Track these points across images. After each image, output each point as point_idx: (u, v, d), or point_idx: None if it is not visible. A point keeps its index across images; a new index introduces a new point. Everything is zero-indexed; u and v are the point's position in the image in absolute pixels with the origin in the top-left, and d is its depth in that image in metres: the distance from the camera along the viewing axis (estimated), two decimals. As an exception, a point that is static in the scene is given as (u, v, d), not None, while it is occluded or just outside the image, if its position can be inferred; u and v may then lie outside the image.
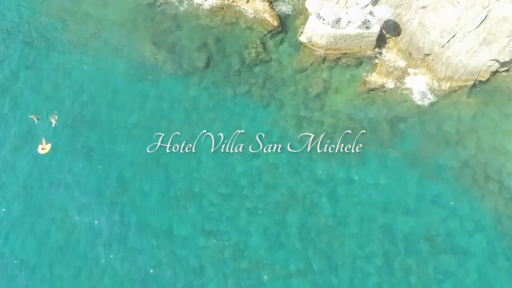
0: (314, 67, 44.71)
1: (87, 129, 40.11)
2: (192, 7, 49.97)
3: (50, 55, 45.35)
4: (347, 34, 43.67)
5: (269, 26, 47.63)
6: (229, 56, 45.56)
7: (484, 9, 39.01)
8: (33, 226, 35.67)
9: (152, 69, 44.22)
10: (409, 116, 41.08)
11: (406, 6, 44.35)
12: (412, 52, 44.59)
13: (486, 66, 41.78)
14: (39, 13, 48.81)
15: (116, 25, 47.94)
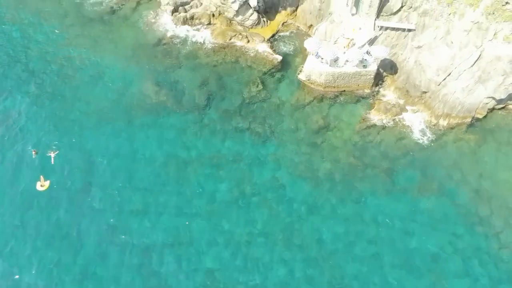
0: (314, 104, 45.44)
1: (87, 167, 40.02)
2: (194, 46, 51.60)
3: (54, 92, 46.22)
4: (345, 72, 44.72)
5: (269, 65, 48.91)
6: (229, 94, 46.45)
7: (478, 49, 40.15)
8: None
9: (154, 107, 44.88)
10: (408, 153, 41.19)
11: (401, 46, 45.71)
12: (409, 89, 45.45)
13: (483, 104, 42.42)
14: (45, 56, 50.32)
15: (120, 64, 49.26)
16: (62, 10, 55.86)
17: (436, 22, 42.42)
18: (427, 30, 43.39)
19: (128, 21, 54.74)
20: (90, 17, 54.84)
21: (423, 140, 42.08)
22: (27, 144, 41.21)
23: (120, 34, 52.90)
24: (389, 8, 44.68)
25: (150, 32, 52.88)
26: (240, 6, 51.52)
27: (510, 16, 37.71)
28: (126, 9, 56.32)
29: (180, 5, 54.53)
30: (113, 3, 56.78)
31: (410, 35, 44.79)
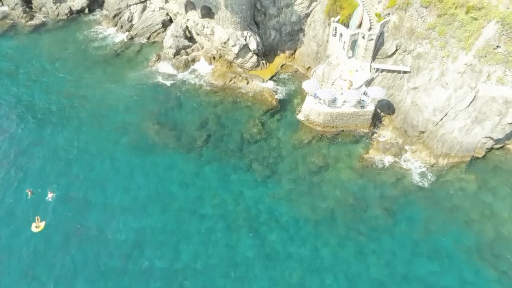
0: (313, 144, 45.68)
1: (84, 207, 39.49)
2: (195, 87, 52.82)
3: (55, 131, 46.64)
4: (344, 112, 45.37)
5: (268, 105, 49.79)
6: (229, 133, 46.86)
7: (472, 90, 40.98)
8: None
9: (154, 147, 45.11)
10: (408, 193, 40.75)
11: (398, 87, 46.70)
12: (407, 129, 45.88)
13: (481, 143, 42.63)
14: (49, 96, 51.42)
15: (122, 104, 50.20)
16: (67, 54, 57.98)
17: (431, 64, 43.63)
18: (422, 72, 44.52)
19: (131, 63, 56.58)
20: (95, 60, 56.76)
21: (423, 180, 41.78)
22: (23, 183, 40.80)
23: (123, 75, 54.39)
24: (384, 52, 46.12)
25: (152, 74, 54.47)
26: (240, 49, 53.34)
27: (501, 59, 38.82)
28: (130, 52, 58.45)
29: (182, 48, 56.50)
30: (117, 47, 58.96)
31: (406, 76, 45.89)
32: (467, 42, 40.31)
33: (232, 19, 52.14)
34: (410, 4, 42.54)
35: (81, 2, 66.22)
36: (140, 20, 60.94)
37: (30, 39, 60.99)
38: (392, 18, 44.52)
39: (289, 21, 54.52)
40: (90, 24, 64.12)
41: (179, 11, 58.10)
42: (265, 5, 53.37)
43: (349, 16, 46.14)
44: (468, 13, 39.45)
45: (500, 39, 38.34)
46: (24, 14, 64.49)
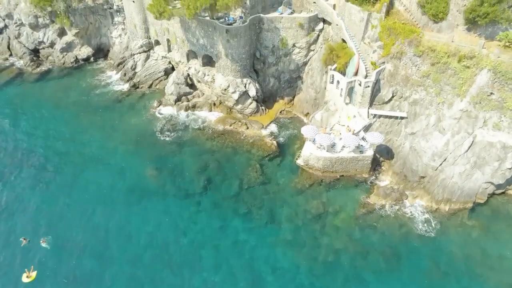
0: (312, 189, 45.30)
1: (78, 256, 38.35)
2: (195, 133, 53.38)
3: (52, 178, 46.48)
4: (343, 157, 45.44)
5: (268, 151, 49.98)
6: (229, 179, 46.60)
7: (470, 135, 41.33)
8: None
9: (152, 192, 44.72)
10: (411, 240, 39.68)
11: (396, 132, 47.16)
12: (407, 174, 45.70)
13: (482, 189, 42.24)
14: (48, 141, 51.90)
15: (122, 149, 50.45)
16: (69, 100, 59.34)
17: (427, 110, 44.37)
18: (419, 117, 45.17)
19: (133, 109, 57.67)
20: (96, 106, 57.97)
21: (425, 226, 40.90)
22: (17, 231, 39.92)
23: (124, 121, 55.23)
24: (381, 98, 47.11)
25: (153, 120, 55.32)
26: (240, 96, 54.57)
27: (496, 105, 39.53)
28: (132, 99, 59.84)
29: (183, 95, 57.84)
30: (119, 94, 60.46)
31: (403, 122, 46.50)
32: (461, 89, 41.29)
33: (232, 67, 53.85)
34: (404, 54, 44.09)
35: (87, 51, 68.84)
36: (143, 68, 62.91)
37: (35, 86, 62.72)
38: (387, 66, 45.96)
39: (288, 69, 56.27)
40: (94, 72, 66.20)
41: (181, 59, 60.19)
42: (264, 54, 55.37)
43: (346, 65, 47.68)
44: (460, 61, 40.77)
45: (493, 86, 39.29)
46: (31, 62, 66.86)
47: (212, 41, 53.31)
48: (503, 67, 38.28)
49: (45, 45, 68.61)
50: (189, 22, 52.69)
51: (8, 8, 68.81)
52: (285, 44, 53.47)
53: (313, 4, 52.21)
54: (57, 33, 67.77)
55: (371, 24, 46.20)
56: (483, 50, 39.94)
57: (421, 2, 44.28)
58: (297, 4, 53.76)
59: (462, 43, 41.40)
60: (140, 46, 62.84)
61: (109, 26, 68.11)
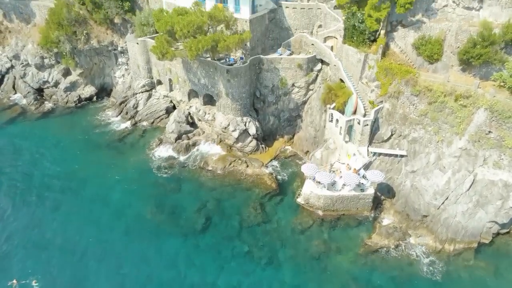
0: (313, 228, 44.49)
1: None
2: (195, 171, 53.22)
3: (48, 218, 45.67)
4: (343, 196, 45.01)
5: (267, 189, 49.60)
6: (228, 217, 45.91)
7: (470, 173, 41.20)
8: None
9: (150, 232, 43.89)
10: (414, 282, 38.37)
11: (396, 170, 47.04)
12: (409, 213, 45.05)
13: (486, 228, 41.47)
14: (46, 179, 51.63)
15: (121, 187, 50.09)
16: (70, 139, 59.52)
17: (426, 148, 44.55)
18: (418, 155, 45.24)
19: (133, 147, 57.86)
20: (97, 145, 58.14)
21: (430, 267, 39.74)
22: (7, 272, 38.73)
23: (124, 159, 55.20)
24: (380, 136, 47.44)
25: (152, 158, 55.31)
26: (240, 134, 54.97)
27: (495, 144, 39.74)
28: (132, 137, 60.19)
29: (184, 133, 58.24)
30: (120, 132, 60.92)
31: (403, 160, 46.52)
32: (459, 127, 41.69)
33: (232, 106, 54.68)
34: (401, 93, 44.95)
35: (90, 90, 70.20)
36: (145, 107, 63.85)
37: (36, 125, 63.29)
38: (385, 105, 46.70)
39: (287, 108, 57.11)
40: (96, 110, 67.12)
41: (182, 98, 61.24)
42: (264, 93, 56.43)
43: (344, 104, 48.48)
44: (457, 101, 41.51)
45: (491, 125, 39.71)
46: (34, 101, 67.88)
47: (213, 81, 54.53)
48: (499, 106, 38.90)
49: (50, 84, 70.06)
50: (191, 62, 54.17)
51: (16, 49, 71.00)
52: (285, 84, 54.64)
53: (311, 46, 53.94)
54: (62, 73, 69.46)
55: (368, 64, 47.49)
56: (479, 90, 40.80)
57: (416, 44, 45.81)
58: (295, 45, 55.57)
59: (458, 83, 42.38)
60: (143, 86, 64.15)
61: (113, 66, 69.93)
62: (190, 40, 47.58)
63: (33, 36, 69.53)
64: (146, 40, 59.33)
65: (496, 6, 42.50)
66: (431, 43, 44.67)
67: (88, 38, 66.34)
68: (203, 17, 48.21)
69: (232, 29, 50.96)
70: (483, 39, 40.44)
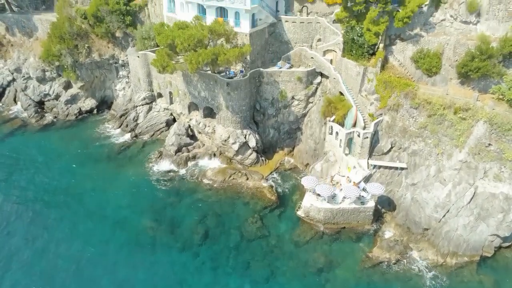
0: (314, 241, 44.11)
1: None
2: (194, 183, 53.03)
3: (45, 233, 45.27)
4: (344, 209, 44.75)
5: (267, 202, 49.36)
6: (228, 231, 45.56)
7: (471, 186, 41.05)
8: None
9: (149, 245, 43.55)
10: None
11: (396, 183, 46.88)
12: (410, 226, 44.73)
13: (488, 241, 41.11)
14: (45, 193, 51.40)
15: (120, 199, 49.85)
16: (70, 151, 59.50)
17: (426, 161, 44.49)
18: (419, 168, 45.17)
19: (133, 160, 57.77)
20: (97, 157, 58.06)
21: (433, 281, 39.25)
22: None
23: (124, 172, 55.05)
24: (380, 149, 47.44)
25: (152, 170, 55.20)
26: (240, 146, 54.97)
27: (495, 156, 39.72)
28: (132, 149, 60.16)
29: (184, 145, 58.24)
30: (120, 145, 60.96)
31: (404, 173, 46.41)
32: (459, 140, 41.73)
33: (232, 119, 54.82)
34: (401, 106, 45.14)
35: (91, 103, 70.49)
36: (145, 119, 64.02)
37: (36, 137, 63.33)
38: (385, 118, 46.84)
39: (287, 121, 57.25)
40: (96, 123, 67.28)
41: (182, 111, 61.45)
42: (264, 106, 56.64)
43: (344, 116, 48.64)
44: (456, 113, 41.65)
45: (490, 138, 39.76)
46: (35, 114, 68.06)
47: (213, 94, 54.80)
48: (498, 119, 39.01)
49: (51, 97, 70.40)
50: (191, 76, 54.54)
51: (18, 62, 71.56)
52: (284, 97, 54.90)
53: (311, 59, 54.39)
54: (63, 86, 69.85)
55: (367, 77, 47.82)
56: (478, 103, 40.99)
57: (414, 57, 46.23)
58: (295, 59, 56.04)
59: (457, 95, 42.62)
60: (143, 99, 64.45)
61: (114, 79, 70.39)
62: (190, 54, 48.00)
63: (35, 50, 70.19)
64: (147, 53, 59.86)
65: (493, 21, 43.04)
66: (430, 56, 45.09)
67: (90, 52, 66.95)
68: (203, 31, 48.73)
69: (232, 43, 51.46)
70: (481, 52, 40.83)
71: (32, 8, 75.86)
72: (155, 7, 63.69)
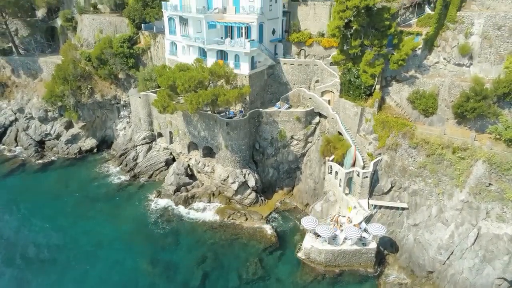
0: (315, 284, 42.66)
1: None
2: (192, 224, 52.15)
3: (39, 277, 43.93)
4: (345, 250, 43.67)
5: (267, 243, 48.31)
6: (226, 273, 44.21)
7: (474, 227, 40.31)
8: None
9: (147, 287, 42.05)
10: None
11: (398, 224, 46.10)
12: (414, 269, 43.44)
13: (495, 285, 39.59)
14: (40, 235, 50.44)
15: (117, 241, 48.74)
16: (68, 191, 59.06)
17: (427, 201, 44.02)
18: (420, 208, 44.59)
19: (131, 200, 57.15)
20: (94, 197, 57.50)
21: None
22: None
23: (121, 212, 54.30)
24: (380, 189, 47.11)
25: (151, 211, 54.50)
26: (239, 186, 54.63)
27: (496, 197, 39.34)
28: (131, 189, 59.72)
29: (183, 185, 57.89)
30: (118, 184, 60.60)
31: (405, 213, 45.76)
32: (459, 180, 41.53)
33: (232, 158, 54.92)
34: (399, 145, 45.37)
35: (91, 143, 70.91)
36: (145, 159, 64.10)
37: (35, 177, 63.09)
38: (384, 157, 46.92)
39: (286, 160, 57.32)
40: (96, 162, 67.31)
41: (182, 151, 61.68)
42: (263, 145, 56.94)
43: (343, 156, 48.74)
44: (454, 153, 41.75)
45: (490, 177, 39.58)
46: (35, 153, 68.29)
47: (212, 133, 55.28)
48: (497, 159, 39.05)
49: (51, 137, 70.95)
50: (192, 116, 55.30)
51: (21, 103, 72.81)
52: (284, 136, 55.34)
53: (309, 100, 55.42)
54: (64, 125, 70.63)
55: (365, 117, 48.46)
56: (476, 142, 41.21)
57: (410, 98, 47.12)
58: (294, 99, 57.09)
59: (454, 135, 42.94)
60: (143, 138, 64.92)
61: (115, 119, 71.29)
62: (191, 94, 48.97)
63: (39, 91, 71.69)
64: (148, 94, 61.05)
65: (485, 63, 44.37)
66: (426, 97, 45.96)
67: (92, 92, 68.32)
68: (204, 73, 50.02)
69: (232, 84, 52.68)
70: (476, 93, 41.67)
71: (38, 51, 78.52)
72: (158, 50, 65.85)
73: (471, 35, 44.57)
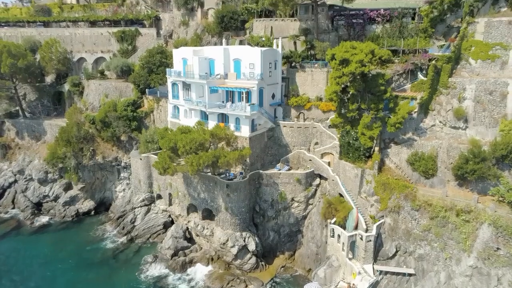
0: None
1: None
2: (190, 291, 49.73)
3: None
4: (351, 321, 41.01)
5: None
6: None
7: (486, 295, 38.30)
8: None
9: None
10: None
11: None
12: None
13: None
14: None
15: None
16: (63, 255, 57.01)
17: (435, 266, 42.28)
18: (428, 274, 42.67)
19: (127, 264, 54.96)
20: (90, 262, 55.38)
21: None
22: None
23: (116, 278, 51.96)
24: (384, 253, 45.51)
25: (146, 276, 52.17)
26: (239, 250, 52.84)
27: (506, 261, 37.86)
28: (127, 253, 57.72)
29: (181, 249, 56.03)
30: (115, 248, 58.72)
31: (412, 279, 43.69)
32: (465, 244, 40.29)
33: (231, 221, 53.78)
34: (402, 208, 44.68)
35: (89, 204, 69.95)
36: (143, 221, 62.74)
37: (29, 240, 61.28)
38: (387, 220, 45.96)
39: (287, 223, 56.08)
40: (93, 225, 65.78)
41: (181, 213, 60.61)
42: (263, 207, 56.09)
43: (345, 218, 47.77)
44: (458, 216, 40.99)
45: (498, 241, 38.44)
46: (31, 215, 67.08)
47: (212, 195, 54.74)
48: (502, 222, 38.26)
49: (49, 198, 70.19)
50: (192, 177, 55.22)
51: (22, 164, 73.22)
52: (284, 198, 54.75)
53: (309, 161, 55.73)
54: (63, 187, 70.23)
55: (366, 179, 48.33)
56: (479, 205, 40.68)
57: (410, 160, 47.42)
58: (294, 161, 57.41)
59: (457, 197, 42.52)
60: (142, 200, 64.13)
61: (115, 181, 71.07)
62: (191, 156, 49.34)
63: (41, 152, 72.44)
64: (149, 156, 61.53)
65: (480, 126, 45.35)
66: (425, 159, 46.27)
67: (94, 154, 68.94)
68: (205, 135, 50.89)
69: (233, 146, 53.34)
70: (474, 155, 42.03)
71: (44, 114, 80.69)
72: (160, 113, 67.66)
73: (464, 100, 46.10)
